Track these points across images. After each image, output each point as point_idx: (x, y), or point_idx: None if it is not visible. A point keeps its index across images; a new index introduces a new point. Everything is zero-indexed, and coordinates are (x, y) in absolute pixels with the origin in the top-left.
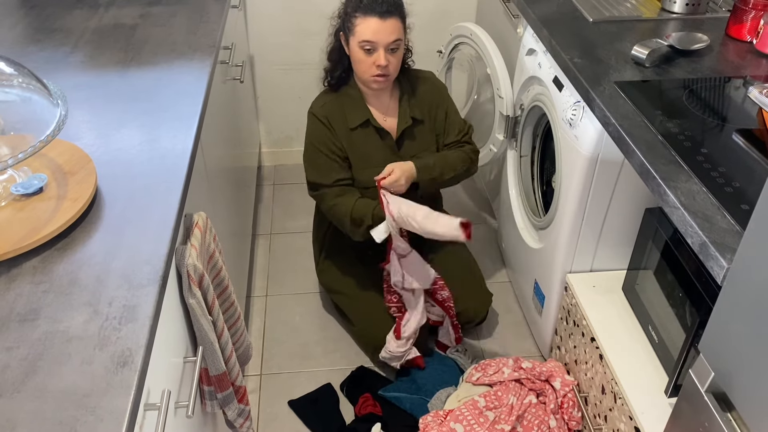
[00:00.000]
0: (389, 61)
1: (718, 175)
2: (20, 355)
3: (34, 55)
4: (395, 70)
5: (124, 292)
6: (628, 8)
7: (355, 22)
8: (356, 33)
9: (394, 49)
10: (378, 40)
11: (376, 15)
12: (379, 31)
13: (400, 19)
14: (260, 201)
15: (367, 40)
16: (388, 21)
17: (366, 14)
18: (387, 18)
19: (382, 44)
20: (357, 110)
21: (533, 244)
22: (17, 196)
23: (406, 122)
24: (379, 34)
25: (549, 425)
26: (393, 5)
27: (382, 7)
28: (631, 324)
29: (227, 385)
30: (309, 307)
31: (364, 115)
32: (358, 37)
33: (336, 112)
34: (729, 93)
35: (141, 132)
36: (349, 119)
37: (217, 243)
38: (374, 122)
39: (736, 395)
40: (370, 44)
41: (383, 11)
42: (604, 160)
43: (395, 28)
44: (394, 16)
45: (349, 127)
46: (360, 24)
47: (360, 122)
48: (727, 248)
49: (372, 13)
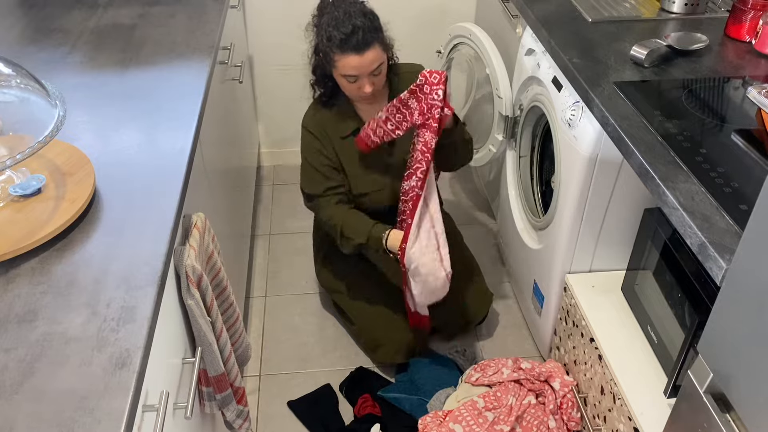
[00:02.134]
0: (374, 84)
1: (717, 175)
2: (18, 357)
3: (33, 55)
4: (381, 84)
5: (122, 293)
6: (627, 8)
7: (334, 58)
8: (337, 67)
9: (377, 73)
10: (360, 74)
11: (353, 52)
12: (358, 66)
13: (379, 43)
14: (259, 201)
15: (348, 74)
16: (367, 54)
17: (345, 52)
18: (365, 51)
19: (364, 75)
20: (347, 119)
21: (532, 245)
22: (15, 197)
23: None
24: (359, 69)
25: (548, 426)
26: (369, 33)
27: (359, 41)
28: (630, 324)
29: (226, 386)
30: (308, 308)
31: (354, 124)
32: (340, 71)
33: (328, 122)
34: (728, 93)
35: (139, 132)
36: (339, 129)
37: (216, 243)
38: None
39: (735, 396)
40: (353, 77)
41: (360, 46)
42: (603, 161)
43: (375, 57)
44: (371, 46)
45: (340, 136)
46: (339, 60)
47: (350, 131)
48: (726, 249)
49: (350, 50)
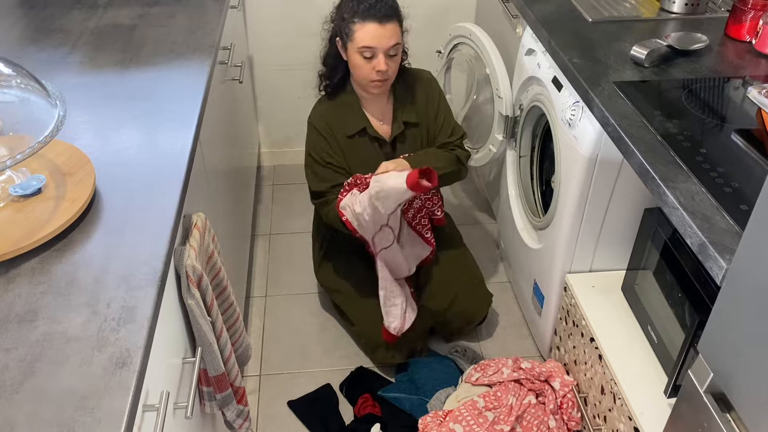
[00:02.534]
0: (388, 66)
1: (717, 175)
2: (19, 356)
3: (33, 55)
4: (394, 74)
5: (122, 293)
6: (627, 8)
7: (353, 28)
8: (355, 39)
9: (393, 54)
10: (378, 46)
11: (375, 20)
12: (378, 36)
13: (398, 23)
14: (259, 201)
15: (366, 46)
16: (387, 25)
17: (365, 20)
18: (386, 23)
19: (381, 49)
20: (354, 118)
21: (532, 245)
22: (16, 197)
23: (399, 127)
24: (378, 40)
25: (548, 425)
26: (391, 9)
27: (381, 12)
28: (631, 324)
29: (226, 385)
30: (308, 308)
31: (362, 123)
32: (358, 43)
33: (334, 120)
34: (728, 93)
35: (140, 132)
36: (346, 127)
37: (216, 243)
38: (371, 131)
39: (735, 396)
40: (370, 50)
41: (382, 16)
42: (603, 161)
43: (394, 33)
44: (392, 21)
45: (346, 134)
46: (359, 30)
47: (357, 130)
48: (726, 249)
49: (371, 18)
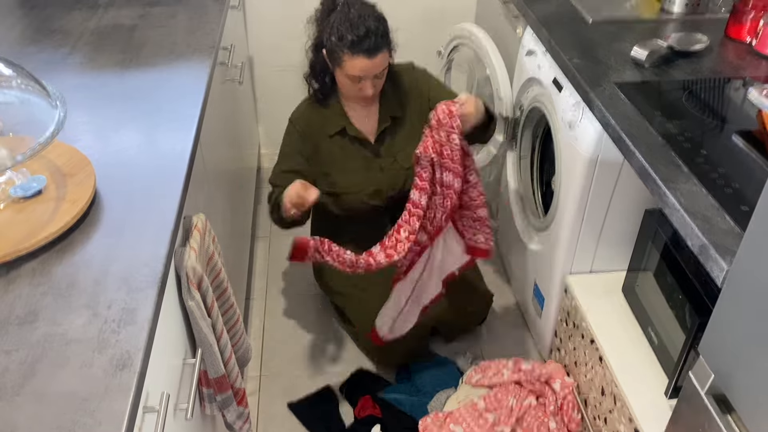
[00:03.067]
0: (374, 86)
1: (718, 176)
2: (19, 358)
3: (33, 56)
4: (380, 87)
5: (123, 295)
6: (628, 9)
7: (342, 57)
8: (344, 67)
9: (380, 76)
10: (365, 76)
11: (364, 54)
12: (366, 68)
13: (387, 49)
14: (259, 202)
15: (354, 75)
16: (376, 58)
17: (355, 54)
18: (374, 55)
19: (369, 77)
20: (335, 119)
21: (533, 246)
22: (16, 198)
23: (386, 123)
24: (366, 71)
25: (549, 427)
26: (380, 38)
27: (370, 45)
28: (631, 326)
29: (226, 387)
30: (308, 309)
31: (341, 123)
32: (346, 71)
33: (314, 120)
34: (728, 94)
35: (140, 133)
36: (327, 127)
37: (217, 245)
38: (351, 131)
39: (736, 397)
40: (358, 78)
41: (371, 49)
42: (603, 162)
43: (382, 60)
44: (381, 51)
45: (327, 134)
46: (347, 61)
47: (337, 130)
48: (727, 250)
49: (361, 53)
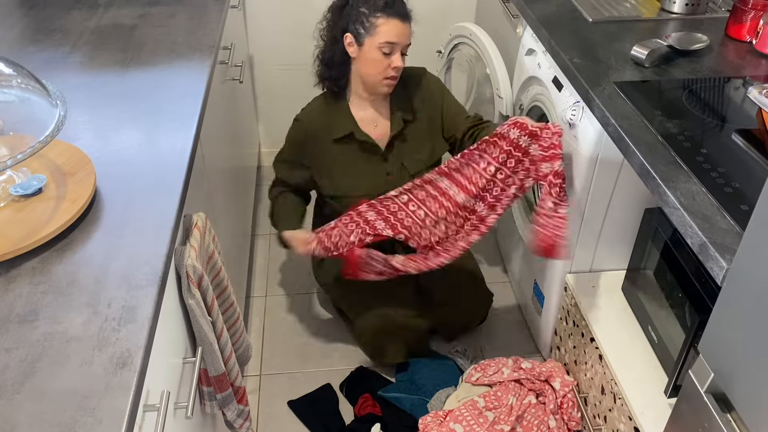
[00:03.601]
0: (400, 65)
1: (718, 175)
2: (19, 356)
3: (33, 55)
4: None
5: (123, 293)
6: (628, 8)
7: (376, 23)
8: (377, 34)
9: (405, 53)
10: (399, 42)
11: (399, 17)
12: (401, 33)
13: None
14: (260, 201)
15: (389, 41)
16: (407, 24)
17: (390, 16)
18: (406, 21)
19: (401, 46)
20: (343, 122)
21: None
22: (16, 196)
23: (398, 126)
24: (401, 36)
25: (549, 425)
26: (407, 8)
27: (403, 9)
28: (631, 324)
29: (227, 385)
30: (308, 308)
31: (349, 127)
32: (380, 38)
33: (322, 122)
34: (728, 93)
35: (140, 132)
36: (333, 131)
37: (217, 243)
38: (359, 135)
39: (736, 396)
40: (391, 46)
41: (404, 14)
42: (603, 161)
43: (410, 32)
44: (409, 20)
45: (332, 137)
46: (383, 24)
47: (344, 134)
48: (727, 249)
49: (395, 15)
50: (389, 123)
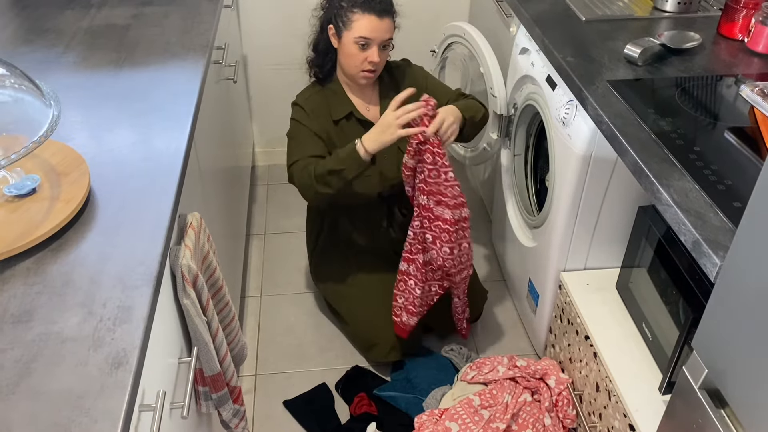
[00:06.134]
0: (380, 57)
1: (711, 173)
2: (14, 357)
3: (27, 55)
4: (382, 66)
5: (118, 293)
6: (621, 7)
7: (352, 17)
8: (352, 28)
9: (386, 46)
10: (374, 38)
11: (374, 13)
12: (376, 28)
13: (393, 18)
14: (254, 201)
15: (363, 36)
16: (384, 20)
17: (364, 11)
18: (384, 17)
19: (377, 41)
20: (340, 103)
21: (527, 243)
22: (10, 197)
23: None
24: (375, 32)
25: (544, 423)
26: (388, 4)
27: (380, 6)
28: (625, 322)
29: (222, 385)
30: (303, 307)
31: (348, 107)
32: (355, 33)
33: (320, 105)
34: (721, 91)
35: (134, 132)
36: (333, 112)
37: (211, 243)
38: (357, 114)
39: (730, 392)
40: (366, 40)
41: (381, 9)
42: (597, 159)
43: (389, 27)
44: (389, 16)
45: (333, 119)
46: (358, 20)
47: (344, 114)
48: (720, 246)
49: (371, 11)
50: (378, 108)
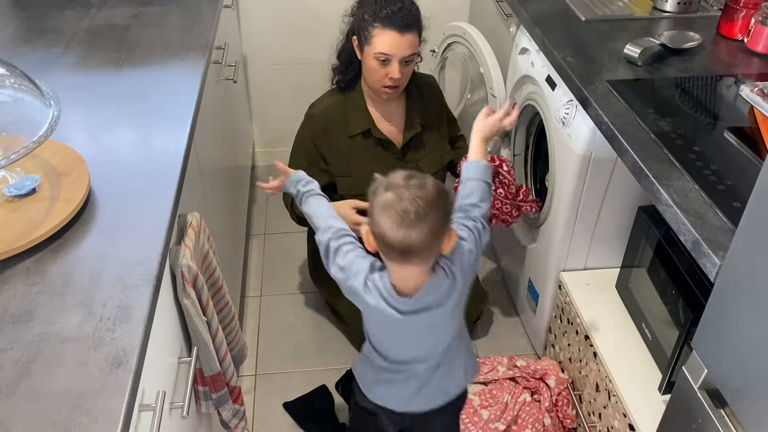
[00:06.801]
0: (402, 74)
1: (711, 173)
2: (14, 357)
3: (27, 55)
4: (406, 81)
5: (118, 293)
6: (620, 7)
7: (372, 32)
8: (373, 43)
9: (408, 61)
10: (394, 54)
11: (395, 29)
12: (396, 45)
13: (417, 33)
14: (254, 201)
15: (383, 53)
16: (406, 35)
17: (385, 27)
18: (405, 32)
19: (397, 58)
20: (359, 118)
21: (527, 243)
22: (10, 197)
23: (415, 129)
24: (395, 48)
25: (543, 423)
26: (412, 18)
27: (402, 21)
28: (625, 322)
29: (222, 385)
30: (303, 307)
31: (366, 124)
32: (374, 48)
33: (337, 118)
34: (720, 91)
35: (134, 132)
36: (350, 126)
37: (211, 243)
38: (375, 132)
39: (729, 391)
40: (386, 56)
41: (402, 25)
42: (597, 159)
43: (412, 42)
44: (412, 31)
45: (348, 134)
46: (377, 35)
47: (360, 130)
48: (720, 245)
49: (391, 26)
50: (403, 122)
